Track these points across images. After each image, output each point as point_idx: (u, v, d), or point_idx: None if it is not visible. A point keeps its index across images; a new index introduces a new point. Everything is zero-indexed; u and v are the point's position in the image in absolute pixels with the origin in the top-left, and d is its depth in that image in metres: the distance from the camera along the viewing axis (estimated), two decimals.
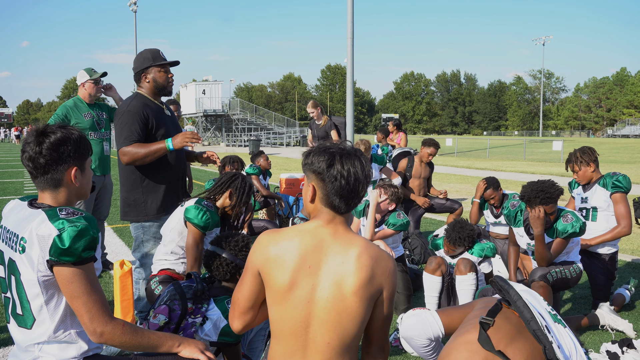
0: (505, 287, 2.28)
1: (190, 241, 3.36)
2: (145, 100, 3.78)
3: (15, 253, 2.05)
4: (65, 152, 2.10)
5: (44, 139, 2.08)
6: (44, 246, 1.97)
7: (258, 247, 1.95)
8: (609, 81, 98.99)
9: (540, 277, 3.91)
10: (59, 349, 2.09)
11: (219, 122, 46.73)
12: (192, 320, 2.67)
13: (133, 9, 42.83)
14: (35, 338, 2.07)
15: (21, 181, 15.69)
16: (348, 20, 16.49)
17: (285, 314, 1.89)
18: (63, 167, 2.11)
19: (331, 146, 1.92)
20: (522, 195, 3.95)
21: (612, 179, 4.53)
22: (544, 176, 16.73)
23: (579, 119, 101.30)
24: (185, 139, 3.61)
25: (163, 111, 3.88)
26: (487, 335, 2.12)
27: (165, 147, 3.62)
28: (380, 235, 4.73)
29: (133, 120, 3.63)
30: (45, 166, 2.08)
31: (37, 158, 2.07)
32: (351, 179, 1.85)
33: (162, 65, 3.76)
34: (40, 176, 2.11)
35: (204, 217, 3.34)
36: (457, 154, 33.01)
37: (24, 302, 2.06)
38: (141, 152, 3.60)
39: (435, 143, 7.07)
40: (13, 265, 2.06)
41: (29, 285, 2.03)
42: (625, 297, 4.71)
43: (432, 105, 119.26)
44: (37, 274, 2.00)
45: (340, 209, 1.90)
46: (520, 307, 2.20)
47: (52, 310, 2.06)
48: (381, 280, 1.90)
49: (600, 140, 59.13)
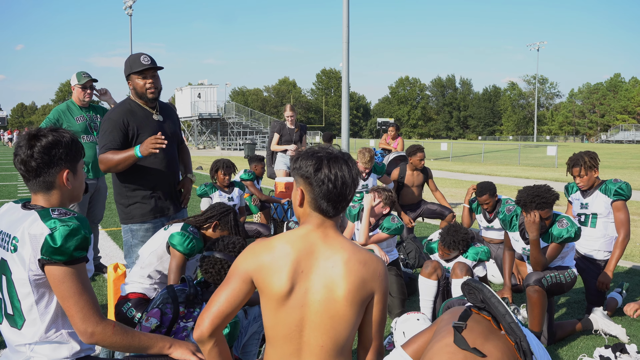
0: (478, 286, 2.35)
1: (173, 266, 3.28)
2: (132, 106, 3.79)
3: (7, 253, 2.05)
4: (56, 155, 2.10)
5: (35, 142, 2.08)
6: (36, 245, 1.97)
7: (250, 254, 1.94)
8: (603, 87, 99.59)
9: (535, 281, 3.91)
10: (51, 349, 2.08)
11: (214, 125, 46.69)
12: (184, 324, 2.66)
13: (128, 13, 42.86)
14: (26, 338, 2.06)
15: (15, 184, 15.62)
16: (344, 25, 16.55)
17: (280, 318, 1.89)
18: (55, 170, 2.11)
19: (319, 150, 1.93)
20: (518, 200, 3.96)
21: (614, 186, 4.51)
22: (539, 181, 16.79)
23: (573, 125, 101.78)
24: (149, 146, 3.53)
25: (151, 116, 3.83)
26: (462, 337, 2.18)
27: (134, 155, 3.59)
28: (374, 239, 4.73)
29: (112, 128, 3.66)
30: (37, 169, 2.08)
31: (28, 161, 2.07)
32: (338, 182, 1.86)
33: (139, 72, 3.70)
34: (33, 179, 2.11)
35: (189, 244, 3.28)
36: (452, 159, 33.10)
37: (15, 301, 2.05)
38: (114, 160, 3.62)
39: (418, 148, 7.02)
40: (4, 265, 2.06)
41: (20, 285, 2.02)
42: (618, 301, 4.71)
43: (427, 109, 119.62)
44: (28, 272, 2.00)
45: (328, 212, 1.90)
46: (495, 302, 2.24)
47: (42, 310, 2.05)
48: (372, 285, 1.90)
49: (594, 146, 59.41)
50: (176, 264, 3.26)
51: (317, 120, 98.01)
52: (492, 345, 2.17)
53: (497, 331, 2.27)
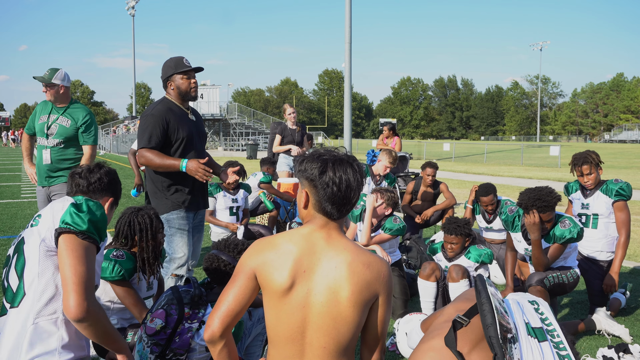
0: (479, 288, 2.21)
1: (120, 293, 3.11)
2: (170, 104, 3.96)
3: (28, 229, 2.19)
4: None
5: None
6: (57, 215, 2.10)
7: (254, 251, 1.96)
8: (606, 86, 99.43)
9: (538, 281, 3.91)
10: (40, 339, 2.06)
11: (217, 126, 46.70)
12: (189, 326, 2.67)
13: (131, 13, 42.97)
14: (20, 315, 2.07)
15: (18, 184, 15.66)
16: (346, 25, 16.55)
17: (282, 318, 1.90)
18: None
19: (325, 153, 1.94)
20: (520, 202, 3.97)
21: (615, 186, 4.50)
22: (541, 181, 16.78)
23: (576, 124, 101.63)
24: (198, 173, 3.73)
25: (187, 116, 4.02)
26: (455, 336, 2.09)
27: (179, 166, 3.77)
28: (376, 240, 4.74)
29: (155, 124, 3.82)
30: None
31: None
32: (343, 185, 1.87)
33: (184, 72, 3.91)
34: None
35: (119, 271, 3.08)
36: (454, 159, 33.06)
37: (20, 275, 2.10)
38: (156, 162, 3.79)
39: (429, 163, 7.01)
40: (21, 243, 2.17)
41: (29, 254, 2.11)
42: (621, 301, 4.71)
43: (430, 110, 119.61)
44: (40, 244, 2.09)
45: (332, 215, 1.91)
46: (485, 311, 2.10)
47: (42, 286, 2.08)
48: (375, 287, 1.91)
49: (598, 146, 59.28)
50: (121, 290, 3.10)
51: (320, 121, 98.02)
52: (477, 355, 2.09)
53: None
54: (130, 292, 3.14)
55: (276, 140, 8.27)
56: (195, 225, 4.15)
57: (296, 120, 8.34)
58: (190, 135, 3.96)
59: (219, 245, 3.01)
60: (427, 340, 2.23)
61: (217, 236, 6.20)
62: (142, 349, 2.68)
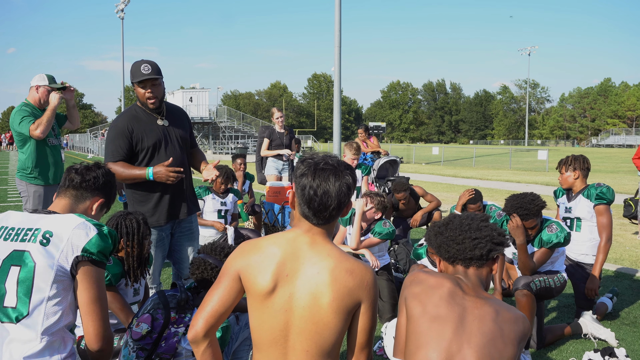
0: None
1: (111, 306, 3.08)
2: (137, 111, 3.82)
3: (29, 244, 2.10)
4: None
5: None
6: (77, 242, 2.08)
7: (239, 253, 1.98)
8: (594, 91, 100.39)
9: (524, 285, 3.93)
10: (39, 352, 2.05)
11: (206, 129, 46.60)
12: (175, 330, 2.66)
13: (120, 16, 42.72)
14: (17, 333, 2.03)
15: (4, 188, 15.52)
16: (335, 29, 16.58)
17: (265, 321, 1.90)
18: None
19: (315, 157, 1.95)
20: (505, 208, 4.02)
21: (596, 190, 4.54)
22: (529, 185, 16.86)
23: (564, 129, 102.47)
24: (164, 176, 3.66)
25: (155, 121, 3.84)
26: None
27: (145, 176, 3.68)
28: (365, 244, 4.74)
29: (117, 136, 3.73)
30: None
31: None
32: (319, 191, 1.87)
33: (139, 82, 3.70)
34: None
35: (106, 275, 3.04)
36: (443, 163, 33.17)
37: (26, 292, 2.04)
38: (123, 174, 3.68)
39: (403, 187, 6.69)
40: (21, 256, 2.08)
41: (41, 275, 2.05)
42: (608, 306, 4.74)
43: (419, 114, 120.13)
44: (54, 268, 2.06)
45: (310, 219, 1.92)
46: None
47: (49, 310, 2.05)
48: (358, 294, 1.89)
49: (585, 150, 59.74)
50: (110, 300, 3.04)
51: (309, 125, 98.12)
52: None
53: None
54: (117, 297, 3.13)
55: (264, 144, 8.28)
56: (183, 232, 4.03)
57: (284, 124, 8.35)
58: (159, 142, 3.80)
59: (206, 249, 2.99)
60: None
61: (205, 240, 6.17)
62: (128, 354, 2.66)
